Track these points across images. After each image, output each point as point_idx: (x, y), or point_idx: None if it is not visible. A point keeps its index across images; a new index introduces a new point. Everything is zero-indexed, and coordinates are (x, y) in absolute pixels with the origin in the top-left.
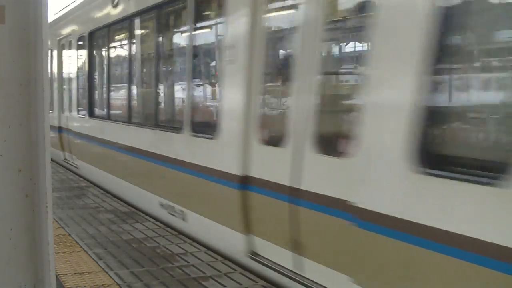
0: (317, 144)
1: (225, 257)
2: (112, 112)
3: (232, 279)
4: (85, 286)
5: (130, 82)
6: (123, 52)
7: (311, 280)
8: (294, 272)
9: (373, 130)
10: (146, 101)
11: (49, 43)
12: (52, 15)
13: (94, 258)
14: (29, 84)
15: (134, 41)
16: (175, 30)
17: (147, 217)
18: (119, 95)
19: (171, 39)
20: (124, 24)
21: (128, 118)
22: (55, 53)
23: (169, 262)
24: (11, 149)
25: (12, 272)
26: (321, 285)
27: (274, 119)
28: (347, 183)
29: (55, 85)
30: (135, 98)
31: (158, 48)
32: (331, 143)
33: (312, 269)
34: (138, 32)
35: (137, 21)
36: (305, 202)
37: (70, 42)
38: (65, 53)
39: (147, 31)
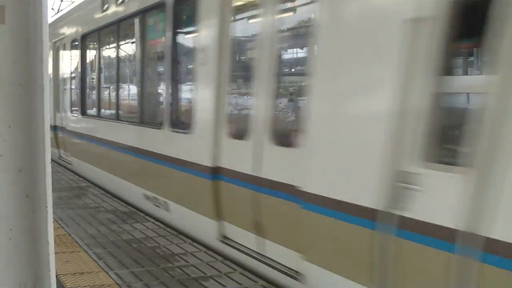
0: (273, 137)
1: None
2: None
3: (232, 279)
4: (85, 286)
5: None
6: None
7: (270, 259)
8: (257, 252)
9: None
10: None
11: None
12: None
13: (94, 258)
14: (29, 84)
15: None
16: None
17: (147, 217)
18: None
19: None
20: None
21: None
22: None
23: (169, 262)
24: (11, 149)
25: (12, 272)
26: (279, 263)
27: (239, 115)
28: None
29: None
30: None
31: (143, 52)
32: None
33: (271, 249)
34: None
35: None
36: (264, 188)
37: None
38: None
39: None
